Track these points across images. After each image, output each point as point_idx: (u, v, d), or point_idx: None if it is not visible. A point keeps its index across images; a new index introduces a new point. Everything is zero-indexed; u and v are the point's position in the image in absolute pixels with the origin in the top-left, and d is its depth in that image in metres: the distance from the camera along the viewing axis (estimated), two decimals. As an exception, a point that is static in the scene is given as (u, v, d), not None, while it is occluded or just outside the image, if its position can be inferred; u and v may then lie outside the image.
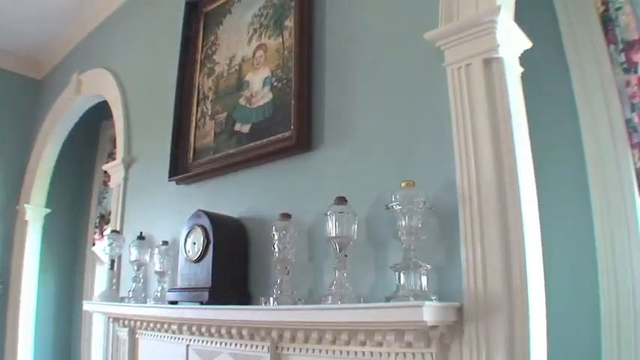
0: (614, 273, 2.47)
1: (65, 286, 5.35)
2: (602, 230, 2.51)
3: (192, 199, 2.94)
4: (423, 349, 1.74)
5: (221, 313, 2.22)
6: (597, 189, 2.53)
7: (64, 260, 5.37)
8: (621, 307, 2.44)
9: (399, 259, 1.80)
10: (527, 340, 1.60)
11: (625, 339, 2.40)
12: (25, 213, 4.92)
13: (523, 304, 1.62)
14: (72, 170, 5.44)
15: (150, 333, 2.90)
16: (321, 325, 1.91)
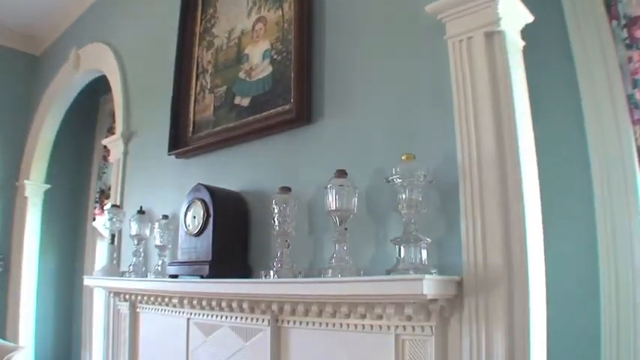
0: (614, 248, 2.47)
1: (66, 261, 5.37)
2: (602, 206, 2.51)
3: (192, 172, 2.94)
4: (422, 323, 1.75)
5: (221, 287, 2.23)
6: (598, 165, 2.52)
7: (64, 236, 5.38)
8: (620, 281, 2.44)
9: (399, 232, 1.80)
10: (527, 314, 1.61)
11: (624, 311, 2.41)
12: (24, 189, 4.92)
13: (523, 278, 1.62)
14: (71, 146, 5.42)
15: (150, 307, 2.91)
16: (321, 298, 1.92)
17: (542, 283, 1.72)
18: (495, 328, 1.63)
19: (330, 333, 2.02)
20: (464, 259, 1.73)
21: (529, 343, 1.60)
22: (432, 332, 1.74)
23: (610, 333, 2.44)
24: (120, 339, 3.17)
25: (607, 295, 2.44)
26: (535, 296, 1.64)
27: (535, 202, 1.75)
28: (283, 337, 2.19)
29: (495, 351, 1.63)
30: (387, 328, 1.85)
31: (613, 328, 2.43)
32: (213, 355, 2.47)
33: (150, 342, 2.96)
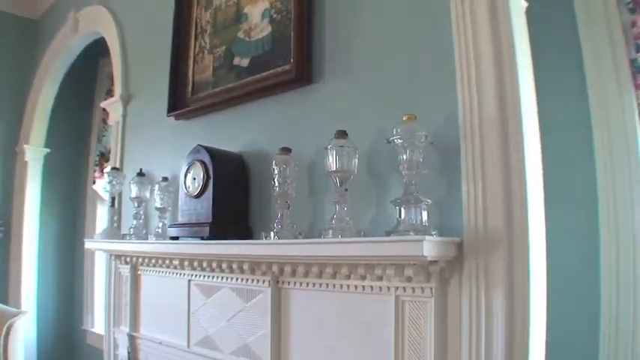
0: (615, 213, 2.47)
1: (67, 225, 5.37)
2: (604, 170, 2.50)
3: (191, 134, 2.92)
4: (422, 284, 1.75)
5: (222, 248, 2.23)
6: (600, 129, 2.51)
7: (65, 200, 5.38)
8: (621, 242, 2.44)
9: (399, 193, 1.79)
10: (527, 277, 1.60)
11: (624, 274, 2.42)
12: (24, 154, 4.90)
13: (523, 240, 1.62)
14: (71, 109, 5.38)
15: (151, 269, 2.92)
16: (322, 259, 1.92)
17: (543, 246, 1.71)
18: (495, 289, 1.63)
19: (330, 294, 2.03)
20: (464, 220, 1.72)
21: (529, 304, 1.60)
22: (431, 294, 1.74)
23: (610, 295, 2.46)
24: (121, 301, 3.19)
25: (607, 258, 2.45)
26: (535, 258, 1.63)
27: (536, 164, 1.73)
28: (284, 298, 2.21)
29: (495, 312, 1.63)
30: (387, 289, 1.85)
31: (613, 290, 2.45)
32: (214, 317, 2.49)
33: (151, 304, 2.98)
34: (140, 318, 3.07)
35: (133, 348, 3.06)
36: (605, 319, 2.46)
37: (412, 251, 1.57)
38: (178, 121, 3.05)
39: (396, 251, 1.63)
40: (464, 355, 1.70)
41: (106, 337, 3.45)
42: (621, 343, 2.41)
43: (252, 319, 2.30)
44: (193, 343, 2.63)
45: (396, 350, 1.81)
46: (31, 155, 4.93)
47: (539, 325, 1.67)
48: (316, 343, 2.09)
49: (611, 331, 2.44)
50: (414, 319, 1.78)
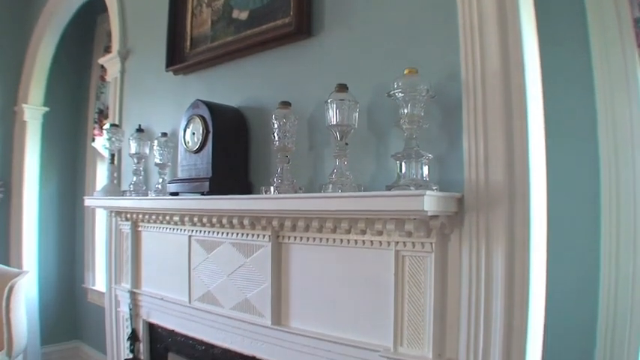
0: (616, 164, 2.46)
1: (67, 183, 5.37)
2: (605, 129, 2.49)
3: (190, 89, 2.89)
4: (423, 239, 1.75)
5: (222, 203, 2.22)
6: (603, 88, 2.48)
7: (64, 158, 5.36)
8: (622, 199, 2.44)
9: (400, 147, 1.78)
10: (528, 232, 1.60)
11: (624, 227, 2.42)
12: (23, 113, 4.86)
13: (524, 196, 1.61)
14: (69, 67, 5.33)
15: (152, 225, 2.93)
16: (322, 213, 1.91)
17: (544, 201, 1.70)
18: (495, 245, 1.63)
19: (330, 249, 2.04)
20: (465, 176, 1.71)
21: (529, 260, 1.61)
22: (432, 249, 1.75)
23: (610, 249, 2.46)
24: (122, 258, 3.21)
25: (607, 211, 2.45)
26: (536, 214, 1.63)
27: (539, 120, 1.71)
28: (284, 253, 2.22)
29: (495, 268, 1.64)
30: (387, 244, 1.86)
31: (613, 245, 2.45)
32: (215, 272, 2.51)
33: (152, 260, 3.00)
34: (141, 274, 3.09)
35: (134, 304, 3.09)
36: (604, 274, 2.47)
37: (413, 206, 1.56)
38: (177, 76, 3.01)
39: (396, 206, 1.61)
40: (463, 310, 1.71)
41: (107, 295, 3.48)
42: (620, 293, 2.43)
43: (252, 274, 2.32)
44: (194, 298, 2.65)
45: (396, 304, 1.82)
46: (30, 114, 4.89)
47: (539, 280, 1.67)
48: (316, 298, 2.11)
49: (610, 284, 2.46)
50: (414, 274, 1.78)
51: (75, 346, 5.45)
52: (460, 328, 1.72)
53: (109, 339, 3.44)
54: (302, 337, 2.12)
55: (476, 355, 1.69)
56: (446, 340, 1.77)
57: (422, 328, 1.77)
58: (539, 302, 1.69)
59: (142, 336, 3.09)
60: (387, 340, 1.86)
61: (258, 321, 2.30)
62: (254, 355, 2.36)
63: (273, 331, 2.24)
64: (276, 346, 2.24)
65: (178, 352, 2.88)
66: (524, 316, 1.61)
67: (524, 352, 1.61)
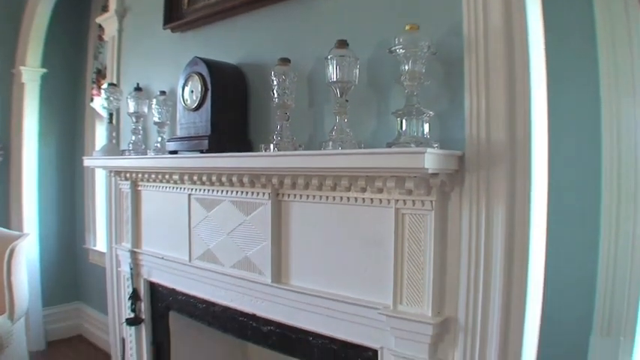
0: (618, 121, 2.46)
1: (66, 145, 5.35)
2: (607, 82, 2.47)
3: (188, 46, 2.85)
4: (423, 197, 1.74)
5: (221, 161, 2.21)
6: (605, 49, 2.46)
7: (63, 119, 5.32)
8: (622, 155, 2.44)
9: (401, 105, 1.76)
10: (529, 191, 1.60)
11: (625, 184, 2.43)
12: (21, 75, 4.81)
13: (526, 154, 1.60)
14: (66, 28, 5.25)
15: (151, 185, 2.92)
16: (322, 171, 1.90)
17: (545, 160, 1.69)
18: (496, 203, 1.63)
19: (330, 206, 2.03)
20: (466, 134, 1.69)
21: (529, 218, 1.60)
22: (432, 207, 1.74)
23: (610, 211, 2.47)
24: (122, 218, 3.21)
25: (609, 169, 2.45)
26: (537, 173, 1.62)
27: (541, 78, 1.69)
28: (284, 211, 2.21)
29: (495, 226, 1.63)
30: (387, 201, 1.85)
31: (613, 206, 2.46)
32: (215, 230, 2.51)
33: (152, 219, 3.00)
34: (141, 234, 3.09)
35: (135, 264, 3.11)
36: (604, 231, 2.48)
37: (413, 163, 1.55)
38: (175, 34, 2.96)
39: (396, 163, 1.60)
40: (463, 268, 1.72)
41: (108, 255, 3.50)
42: (620, 249, 2.44)
43: (252, 232, 2.32)
44: (195, 257, 2.66)
45: (396, 262, 1.83)
46: (28, 77, 4.83)
47: (539, 238, 1.68)
48: (316, 255, 2.11)
49: (610, 241, 2.47)
50: (414, 232, 1.78)
51: (76, 307, 5.50)
52: (459, 287, 1.73)
53: (110, 299, 3.47)
54: (302, 294, 2.14)
55: (475, 313, 1.70)
56: (445, 298, 1.77)
57: (421, 286, 1.78)
58: (539, 260, 1.69)
59: (142, 295, 3.11)
60: (386, 298, 1.87)
61: (258, 279, 2.31)
62: (254, 313, 2.38)
63: (273, 288, 2.25)
64: (276, 304, 2.25)
65: (179, 310, 2.91)
66: (524, 275, 1.62)
67: (524, 309, 1.62)
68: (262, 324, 2.37)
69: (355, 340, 2.01)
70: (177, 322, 3.03)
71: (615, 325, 2.49)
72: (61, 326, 5.32)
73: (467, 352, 1.72)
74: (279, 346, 2.34)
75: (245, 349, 3.26)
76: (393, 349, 1.85)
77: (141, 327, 3.15)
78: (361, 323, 1.96)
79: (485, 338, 1.68)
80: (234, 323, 2.53)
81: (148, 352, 3.15)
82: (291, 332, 2.25)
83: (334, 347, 2.10)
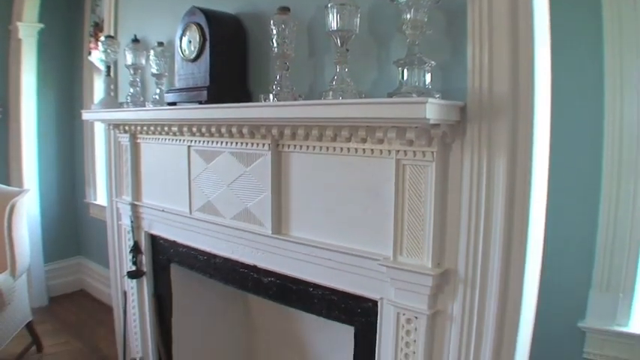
0: (621, 79, 2.44)
1: (65, 100, 5.33)
2: (611, 39, 2.45)
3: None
4: (424, 148, 1.72)
5: (220, 112, 2.18)
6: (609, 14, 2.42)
7: (61, 74, 5.29)
8: (625, 115, 2.42)
9: (402, 54, 1.72)
10: (531, 144, 1.58)
11: (627, 147, 2.42)
12: (18, 31, 4.75)
13: (528, 107, 1.58)
14: (63, -19, 5.19)
15: (150, 137, 2.90)
16: (322, 121, 1.88)
17: (548, 112, 1.68)
18: (497, 155, 1.61)
19: (330, 157, 2.02)
20: (469, 84, 1.66)
21: (531, 171, 1.59)
22: (433, 158, 1.72)
23: (612, 169, 2.46)
24: (122, 171, 3.20)
25: (610, 130, 2.44)
26: (540, 125, 1.61)
27: (545, 29, 1.65)
28: (284, 162, 2.20)
29: (496, 178, 1.62)
30: (388, 152, 1.83)
31: (615, 163, 2.45)
32: (215, 182, 2.51)
33: (152, 172, 3.00)
34: (142, 187, 3.09)
35: (135, 217, 3.11)
36: (606, 189, 2.48)
37: (414, 113, 1.52)
38: (172, -16, 2.90)
39: (397, 113, 1.58)
40: (463, 220, 1.71)
41: (108, 208, 3.50)
42: (621, 208, 2.44)
43: (252, 183, 2.31)
44: (195, 209, 2.66)
45: (396, 214, 1.82)
46: (25, 32, 4.78)
47: (541, 191, 1.67)
48: (316, 206, 2.11)
49: (611, 197, 2.47)
50: (415, 183, 1.77)
51: (78, 262, 5.56)
52: (460, 238, 1.73)
53: (112, 252, 3.49)
54: (302, 245, 2.14)
55: (475, 266, 1.70)
56: (445, 250, 1.78)
57: (421, 238, 1.78)
58: (540, 213, 1.69)
59: (144, 248, 3.12)
60: (386, 249, 1.87)
61: (259, 230, 2.31)
62: (255, 264, 2.40)
63: (274, 240, 2.25)
64: (277, 255, 2.27)
65: (180, 262, 2.93)
66: (525, 227, 1.61)
67: (524, 262, 1.63)
68: (263, 275, 2.39)
69: (355, 290, 2.02)
70: (179, 274, 3.06)
71: (614, 281, 2.51)
72: (63, 281, 5.39)
73: (466, 303, 1.74)
74: (280, 297, 2.36)
75: (246, 300, 3.30)
76: (393, 299, 1.87)
77: (142, 280, 3.18)
78: (361, 274, 1.97)
79: (484, 290, 1.69)
80: (235, 275, 2.55)
81: (149, 304, 3.18)
82: (291, 283, 2.27)
83: (334, 298, 2.11)
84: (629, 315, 2.52)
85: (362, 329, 2.06)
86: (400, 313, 1.86)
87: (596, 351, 2.57)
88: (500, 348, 1.70)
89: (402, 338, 1.87)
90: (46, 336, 4.33)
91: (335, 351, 2.77)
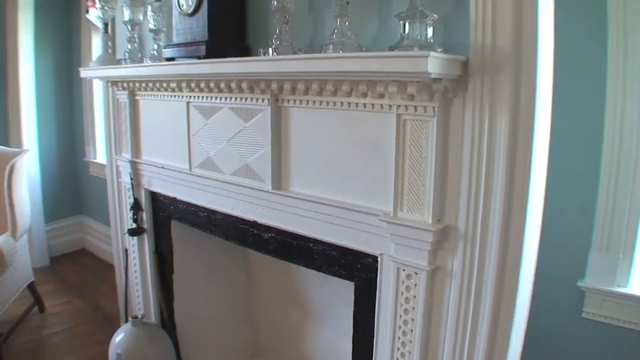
0: (625, 39, 2.41)
1: (63, 58, 5.28)
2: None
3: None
4: (425, 103, 1.70)
5: (219, 67, 2.15)
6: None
7: (59, 33, 5.23)
8: (628, 71, 2.40)
9: (404, 7, 1.69)
10: (533, 100, 1.56)
11: (629, 109, 2.40)
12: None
13: (531, 63, 1.55)
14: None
15: (149, 93, 2.88)
16: (322, 75, 1.86)
17: (551, 68, 1.65)
18: (499, 111, 1.59)
19: (330, 112, 2.00)
20: (471, 39, 1.63)
21: (533, 128, 1.57)
22: (434, 113, 1.70)
23: (614, 126, 2.45)
24: (121, 129, 3.18)
25: (613, 89, 2.42)
26: (543, 81, 1.59)
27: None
28: (283, 117, 2.18)
29: (498, 134, 1.60)
30: (389, 107, 1.81)
31: (617, 121, 2.44)
32: (215, 138, 2.49)
33: (151, 129, 2.98)
34: (141, 144, 3.08)
35: (135, 174, 3.11)
36: (607, 148, 2.47)
37: (416, 67, 1.50)
38: (170, -65, 2.84)
39: (399, 67, 1.55)
40: (464, 176, 1.70)
41: (108, 166, 3.50)
42: (622, 168, 2.44)
43: (252, 138, 2.30)
44: (195, 165, 2.65)
45: (397, 169, 1.81)
46: (22, -11, 4.72)
47: (543, 147, 1.66)
48: (317, 162, 2.10)
49: (613, 157, 2.46)
50: (416, 139, 1.75)
51: (79, 220, 5.58)
52: (460, 194, 1.72)
53: (112, 210, 3.50)
54: (302, 201, 2.14)
55: (475, 222, 1.70)
56: (446, 206, 1.77)
57: (422, 194, 1.77)
58: (542, 170, 1.68)
59: (144, 205, 3.13)
60: (386, 205, 1.87)
61: (259, 186, 2.31)
62: (255, 220, 2.40)
63: (274, 195, 2.25)
64: (277, 211, 2.27)
65: (181, 219, 2.93)
66: (526, 184, 1.60)
67: (524, 218, 1.62)
68: (263, 231, 2.40)
69: (355, 246, 2.03)
70: (179, 231, 3.07)
71: (615, 241, 2.52)
72: (64, 241, 5.43)
73: (466, 259, 1.74)
74: (280, 253, 2.37)
75: (246, 256, 3.33)
76: (393, 255, 1.87)
77: (143, 237, 3.19)
78: (361, 230, 1.97)
79: (484, 247, 1.69)
80: (235, 231, 2.56)
81: (150, 261, 3.20)
82: (291, 239, 2.27)
83: (334, 253, 2.12)
84: (628, 276, 2.54)
85: (362, 285, 2.07)
86: (400, 268, 1.87)
87: (595, 311, 2.60)
88: (499, 304, 1.71)
89: (402, 294, 1.89)
90: (48, 296, 4.38)
91: (335, 306, 2.80)
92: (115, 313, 3.90)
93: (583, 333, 2.63)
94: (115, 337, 2.79)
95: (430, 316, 1.87)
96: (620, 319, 2.53)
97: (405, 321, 1.91)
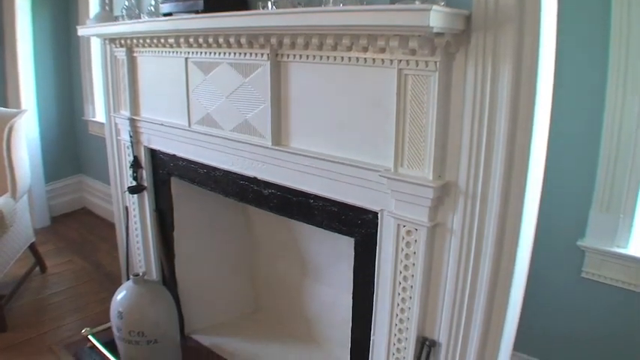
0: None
1: (60, 17, 5.21)
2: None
3: None
4: (427, 57, 1.68)
5: (217, 21, 2.12)
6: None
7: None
8: (633, 30, 2.37)
9: (406, -41, 1.66)
10: (536, 55, 1.54)
11: (632, 69, 2.37)
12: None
13: (535, 19, 1.52)
14: None
15: (147, 50, 2.84)
16: (322, 29, 1.83)
17: (554, 28, 1.62)
18: (502, 66, 1.57)
19: (331, 67, 1.98)
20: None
21: (536, 84, 1.56)
22: (436, 68, 1.68)
23: (616, 84, 2.43)
24: (120, 86, 3.16)
25: (617, 53, 2.39)
26: (546, 36, 1.56)
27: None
28: (283, 72, 2.16)
29: (500, 90, 1.59)
30: (390, 62, 1.79)
31: (620, 81, 2.41)
32: (214, 93, 2.47)
33: (150, 86, 2.96)
34: (140, 101, 3.05)
35: (134, 132, 3.09)
36: (609, 107, 2.45)
37: (418, 21, 1.48)
38: None
39: (400, 20, 1.52)
40: (465, 132, 1.69)
41: (107, 124, 3.47)
42: (624, 127, 2.42)
43: (251, 94, 2.28)
44: (194, 122, 2.64)
45: (397, 124, 1.80)
46: (18, -53, 4.63)
47: (545, 103, 1.65)
48: (317, 118, 2.09)
49: (615, 116, 2.44)
50: (417, 94, 1.74)
51: (79, 180, 5.59)
52: (461, 151, 1.71)
53: (112, 169, 3.49)
54: (302, 157, 2.13)
55: (476, 178, 1.69)
56: (446, 162, 1.77)
57: (423, 149, 1.76)
58: (544, 125, 1.67)
59: (143, 163, 3.12)
60: (387, 161, 1.86)
61: (259, 142, 2.30)
62: (255, 176, 2.40)
63: (274, 151, 2.25)
64: (277, 167, 2.26)
65: (181, 176, 2.93)
66: (527, 140, 1.60)
67: (526, 175, 1.62)
68: (263, 187, 2.40)
69: (356, 202, 2.03)
70: (179, 188, 3.08)
71: (615, 201, 2.51)
72: (64, 200, 5.44)
73: (466, 216, 1.74)
74: (280, 209, 2.37)
75: (247, 212, 3.34)
76: (393, 211, 1.87)
77: (143, 194, 3.19)
78: (362, 186, 1.97)
79: (485, 203, 1.69)
80: (235, 187, 2.56)
81: (151, 219, 3.21)
82: (291, 195, 2.28)
83: (335, 209, 2.12)
84: (628, 236, 2.54)
85: (362, 241, 2.08)
86: (400, 224, 1.87)
87: (594, 271, 2.60)
88: (499, 261, 1.72)
89: (402, 250, 1.89)
90: (50, 256, 4.41)
91: (335, 262, 2.82)
92: (117, 271, 3.93)
93: (582, 292, 2.65)
94: (117, 295, 2.81)
95: (430, 272, 1.89)
96: (618, 280, 2.54)
97: (404, 277, 1.92)
